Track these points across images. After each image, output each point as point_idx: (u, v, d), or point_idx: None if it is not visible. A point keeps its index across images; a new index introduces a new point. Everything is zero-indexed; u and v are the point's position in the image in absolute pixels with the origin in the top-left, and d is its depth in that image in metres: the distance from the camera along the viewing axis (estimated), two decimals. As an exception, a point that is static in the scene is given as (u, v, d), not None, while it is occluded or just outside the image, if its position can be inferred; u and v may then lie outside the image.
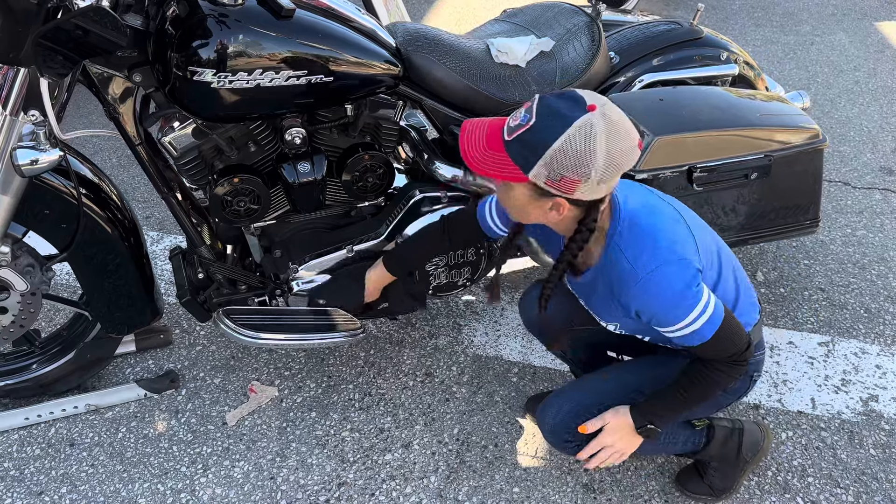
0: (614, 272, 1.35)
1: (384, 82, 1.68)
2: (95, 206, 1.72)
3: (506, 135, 1.24)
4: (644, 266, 1.31)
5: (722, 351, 1.38)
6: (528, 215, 1.33)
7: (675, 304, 1.32)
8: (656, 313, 1.34)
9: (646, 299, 1.33)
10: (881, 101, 3.50)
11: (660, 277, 1.31)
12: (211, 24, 1.43)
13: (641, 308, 1.34)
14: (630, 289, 1.33)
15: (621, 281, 1.34)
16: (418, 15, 4.57)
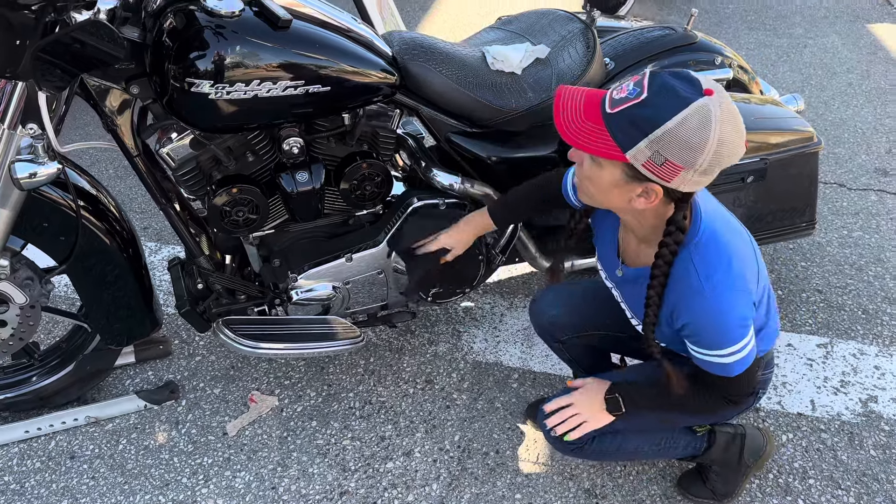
0: (681, 283, 1.28)
1: (381, 91, 1.68)
2: (94, 218, 1.72)
3: (608, 106, 1.14)
4: (714, 287, 1.24)
5: (730, 388, 1.37)
6: (608, 198, 1.24)
7: (724, 331, 1.27)
8: (702, 334, 1.29)
9: (699, 317, 1.27)
10: (875, 103, 3.52)
11: (723, 302, 1.24)
12: (208, 36, 1.43)
13: (690, 322, 1.29)
14: (690, 302, 1.27)
15: (684, 294, 1.27)
16: (413, 22, 4.58)
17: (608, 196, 1.23)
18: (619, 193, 1.21)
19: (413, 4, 4.88)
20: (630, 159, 1.13)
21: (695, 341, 1.31)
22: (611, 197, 1.23)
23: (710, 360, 1.31)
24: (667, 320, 1.34)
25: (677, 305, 1.29)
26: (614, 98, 1.15)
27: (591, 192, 1.26)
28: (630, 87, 1.14)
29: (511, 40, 1.99)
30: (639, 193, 1.19)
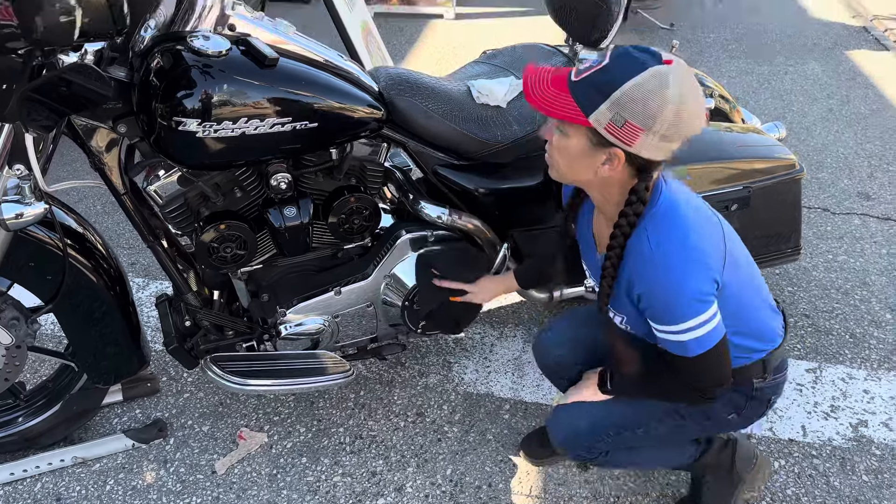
0: (634, 252, 1.29)
1: (368, 126, 1.70)
2: (80, 256, 1.71)
3: (573, 76, 1.20)
4: (665, 254, 1.25)
5: (696, 375, 1.34)
6: (578, 171, 1.27)
7: (677, 304, 1.25)
8: (656, 306, 1.28)
9: (652, 286, 1.27)
10: (855, 128, 3.58)
11: (674, 271, 1.24)
12: (195, 75, 1.45)
13: (644, 293, 1.28)
14: (642, 271, 1.27)
15: (636, 263, 1.28)
16: (399, 55, 4.63)
17: (576, 166, 1.27)
18: (586, 163, 1.25)
19: (399, 37, 4.94)
20: (593, 123, 1.18)
21: (650, 315, 1.31)
22: (579, 167, 1.27)
23: (667, 337, 1.30)
24: (626, 293, 1.34)
25: (632, 275, 1.30)
26: (579, 69, 1.21)
27: (560, 165, 1.30)
28: (593, 58, 1.21)
29: (496, 74, 2.02)
30: (603, 161, 1.23)
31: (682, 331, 1.27)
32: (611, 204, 1.33)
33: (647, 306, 1.30)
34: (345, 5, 3.24)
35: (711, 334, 1.27)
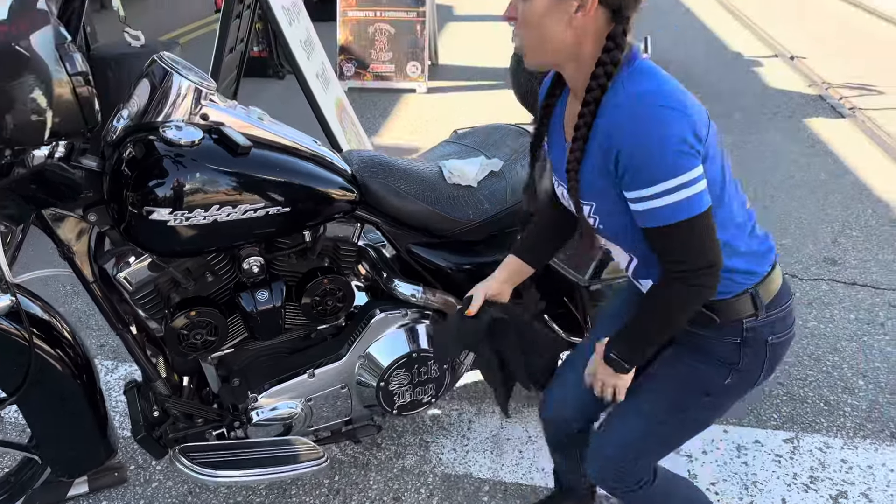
0: (609, 106, 1.17)
1: (342, 208, 1.71)
2: (47, 346, 1.67)
3: None
4: (640, 98, 1.13)
5: (688, 253, 1.19)
6: (552, 34, 1.17)
7: (660, 154, 1.11)
8: (637, 160, 1.13)
9: (630, 137, 1.13)
10: (817, 194, 3.69)
11: (651, 116, 1.12)
12: (167, 165, 1.45)
13: (623, 149, 1.14)
14: (618, 121, 1.15)
15: (612, 116, 1.16)
16: (373, 128, 4.71)
17: (549, 29, 1.17)
18: (557, 19, 1.15)
19: (373, 111, 5.04)
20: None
21: (631, 179, 1.16)
22: (552, 29, 1.16)
23: (651, 205, 1.15)
24: (601, 165, 1.20)
25: (609, 134, 1.16)
26: None
27: (532, 39, 1.19)
28: None
29: (466, 154, 2.06)
30: (575, 9, 1.14)
31: (667, 190, 1.13)
32: (586, 69, 1.20)
33: (626, 167, 1.15)
34: (319, 85, 3.31)
35: (699, 197, 1.15)
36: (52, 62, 1.06)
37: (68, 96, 1.15)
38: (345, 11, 5.34)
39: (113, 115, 1.54)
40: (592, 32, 1.17)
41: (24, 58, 1.02)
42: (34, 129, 1.11)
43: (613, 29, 1.16)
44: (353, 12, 5.33)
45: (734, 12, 8.09)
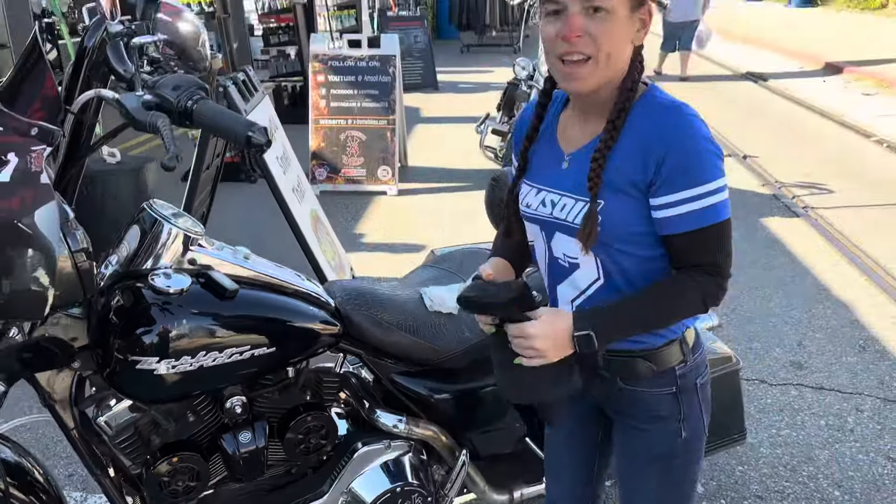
0: (640, 117, 1.26)
1: (326, 342, 1.73)
2: (20, 493, 1.62)
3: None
4: (675, 108, 1.25)
5: (715, 251, 1.27)
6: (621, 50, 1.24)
7: (707, 155, 1.23)
8: (685, 160, 1.22)
9: (679, 139, 1.22)
10: (779, 295, 3.81)
11: (692, 123, 1.24)
12: (155, 313, 1.47)
13: (669, 152, 1.22)
14: (661, 123, 1.24)
15: (650, 121, 1.25)
16: (346, 231, 4.78)
17: (620, 44, 1.23)
18: (627, 35, 1.24)
19: (345, 214, 5.12)
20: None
21: (673, 181, 1.22)
22: (622, 45, 1.24)
23: (698, 205, 1.23)
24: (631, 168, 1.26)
25: (649, 139, 1.24)
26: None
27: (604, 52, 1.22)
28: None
29: (446, 279, 2.10)
30: (638, 26, 1.24)
31: (710, 192, 1.22)
32: (608, 89, 1.28)
33: (671, 170, 1.22)
34: (294, 198, 3.37)
35: (727, 203, 1.26)
36: (55, 240, 1.09)
37: (70, 270, 1.18)
38: (317, 119, 5.51)
39: (101, 261, 1.56)
40: (630, 51, 1.28)
41: (26, 235, 1.05)
42: (35, 305, 1.12)
43: (639, 46, 1.29)
44: (325, 120, 5.50)
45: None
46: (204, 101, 1.17)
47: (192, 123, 1.18)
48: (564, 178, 1.37)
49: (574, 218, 1.33)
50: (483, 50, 14.14)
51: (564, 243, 1.39)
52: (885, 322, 3.51)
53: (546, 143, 1.44)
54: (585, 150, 1.34)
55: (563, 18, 1.21)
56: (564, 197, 1.36)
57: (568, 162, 1.37)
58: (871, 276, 3.99)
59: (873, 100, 9.05)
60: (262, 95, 3.51)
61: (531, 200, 1.43)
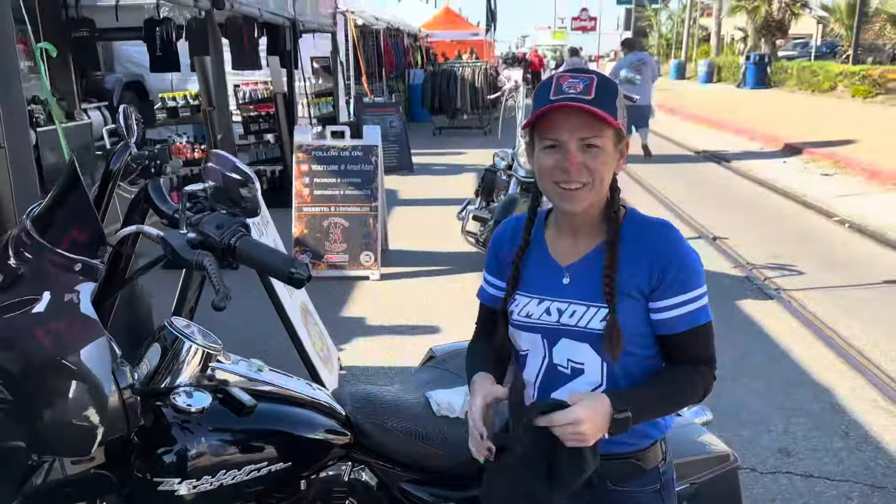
0: (632, 235, 1.47)
1: (338, 454, 1.75)
2: None
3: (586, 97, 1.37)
4: (663, 226, 1.49)
5: (708, 346, 1.48)
6: (607, 178, 1.45)
7: (697, 264, 1.46)
8: (685, 267, 1.43)
9: (674, 249, 1.44)
10: (761, 380, 3.89)
11: (680, 238, 1.47)
12: (176, 432, 1.48)
13: (672, 261, 1.43)
14: (656, 239, 1.46)
15: (645, 238, 1.46)
16: (330, 318, 4.78)
17: (608, 173, 1.44)
18: (612, 165, 1.45)
19: (328, 301, 5.13)
20: (619, 122, 1.41)
21: (676, 287, 1.43)
22: (608, 173, 1.45)
23: (689, 308, 1.44)
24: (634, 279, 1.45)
25: (651, 252, 1.45)
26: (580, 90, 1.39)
27: (598, 180, 1.43)
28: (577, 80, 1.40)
29: (450, 381, 2.13)
30: (618, 156, 1.46)
31: (699, 295, 1.45)
32: (595, 208, 1.49)
33: (674, 278, 1.43)
34: (286, 292, 3.41)
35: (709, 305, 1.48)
36: (105, 378, 1.11)
37: (116, 405, 1.20)
38: (300, 207, 5.59)
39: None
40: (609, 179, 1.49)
41: (73, 372, 1.07)
42: (83, 442, 1.14)
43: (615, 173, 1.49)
44: (309, 207, 5.58)
45: (657, 195, 8.79)
46: (246, 238, 1.23)
47: (236, 260, 1.24)
48: (569, 289, 1.52)
49: (587, 323, 1.47)
50: (455, 132, 14.55)
51: (571, 349, 1.51)
52: (864, 405, 3.60)
53: (536, 258, 1.58)
54: (584, 263, 1.52)
55: (562, 153, 1.42)
56: (573, 305, 1.50)
57: (569, 274, 1.53)
58: (847, 359, 4.12)
59: (832, 180, 9.48)
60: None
61: (532, 310, 1.55)
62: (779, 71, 23.50)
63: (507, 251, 1.63)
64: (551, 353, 1.54)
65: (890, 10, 16.58)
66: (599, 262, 1.48)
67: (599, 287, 1.46)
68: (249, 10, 6.08)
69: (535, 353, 1.58)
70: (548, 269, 1.56)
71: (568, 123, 1.40)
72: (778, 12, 24.98)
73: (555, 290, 1.53)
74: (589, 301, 1.48)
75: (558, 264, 1.54)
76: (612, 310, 1.44)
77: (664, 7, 44.74)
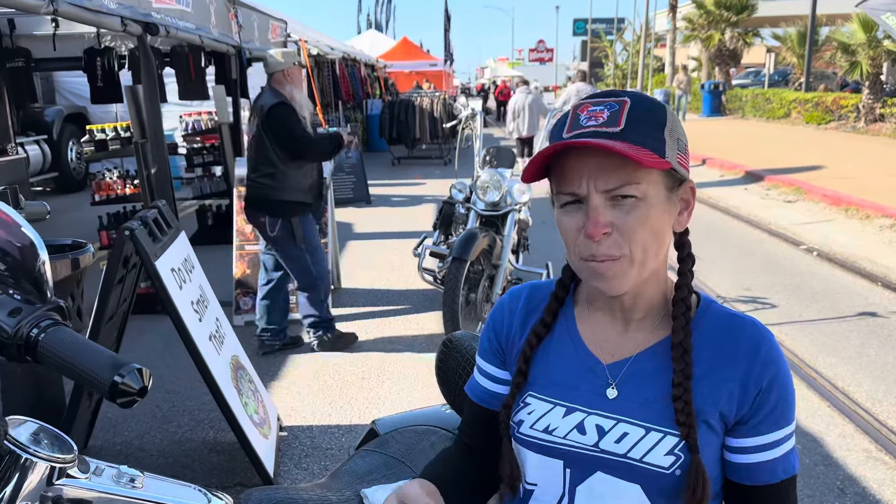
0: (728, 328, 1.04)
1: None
2: None
3: (612, 128, 0.97)
4: (754, 325, 1.05)
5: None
6: (662, 239, 1.02)
7: (792, 390, 1.03)
8: (784, 392, 1.01)
9: (782, 366, 1.01)
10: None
11: (777, 349, 1.03)
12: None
13: (773, 377, 1.00)
14: (762, 344, 1.01)
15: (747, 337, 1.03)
16: (272, 377, 4.34)
17: (660, 233, 1.01)
18: (667, 220, 1.02)
19: (271, 357, 4.69)
20: (670, 160, 0.98)
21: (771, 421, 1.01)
22: (663, 232, 1.02)
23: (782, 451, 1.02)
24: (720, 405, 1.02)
25: (747, 370, 1.01)
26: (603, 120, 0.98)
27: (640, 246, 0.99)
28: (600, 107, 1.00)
29: (391, 470, 1.75)
30: (679, 209, 1.05)
31: (792, 433, 1.03)
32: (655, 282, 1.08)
33: (772, 408, 1.01)
34: (212, 348, 2.98)
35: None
36: None
37: None
38: (242, 245, 5.16)
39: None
40: (666, 243, 1.06)
41: None
42: None
43: (683, 233, 1.09)
44: (251, 246, 5.15)
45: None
46: (57, 329, 0.84)
47: (38, 359, 0.85)
48: (617, 400, 1.06)
49: (644, 455, 1.01)
50: (414, 162, 14.27)
51: (609, 489, 1.04)
52: (857, 457, 3.29)
53: (560, 345, 1.14)
54: (642, 362, 1.07)
55: (585, 210, 0.99)
56: (625, 423, 1.04)
57: (615, 379, 1.07)
58: (833, 403, 3.82)
59: (794, 206, 9.38)
60: (177, 231, 3.17)
61: (555, 422, 1.08)
62: (733, 98, 23.87)
63: (515, 333, 1.19)
64: (574, 492, 1.07)
65: (840, 38, 16.89)
66: (663, 368, 1.04)
67: (663, 404, 1.02)
68: (188, 37, 5.69)
69: (547, 489, 1.10)
70: (580, 365, 1.10)
71: (586, 169, 0.97)
72: (731, 41, 25.45)
73: (592, 397, 1.07)
74: (652, 423, 1.02)
75: (597, 360, 1.10)
76: (694, 444, 0.99)
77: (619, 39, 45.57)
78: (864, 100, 16.95)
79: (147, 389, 0.88)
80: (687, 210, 1.07)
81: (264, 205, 4.21)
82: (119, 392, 0.84)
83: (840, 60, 17.25)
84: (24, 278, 0.84)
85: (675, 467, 1.00)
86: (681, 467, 1.00)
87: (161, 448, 3.41)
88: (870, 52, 16.11)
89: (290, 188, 4.20)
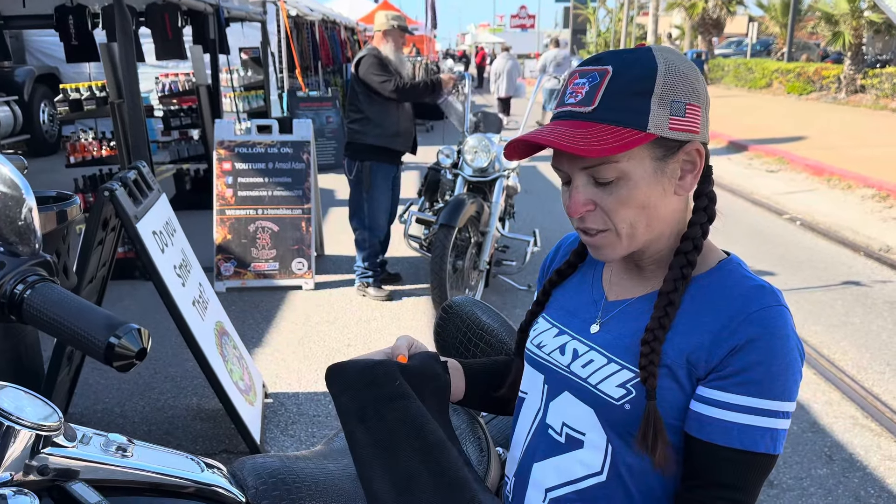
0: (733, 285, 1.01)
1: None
2: None
3: (583, 108, 0.98)
4: (758, 289, 0.99)
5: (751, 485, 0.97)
6: (657, 209, 1.01)
7: (788, 368, 0.95)
8: (767, 357, 0.95)
9: (772, 327, 0.95)
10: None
11: (781, 315, 0.97)
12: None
13: (752, 339, 0.95)
14: (759, 302, 0.97)
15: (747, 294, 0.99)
16: (256, 336, 4.27)
17: (654, 205, 1.00)
18: (661, 189, 1.00)
19: (255, 315, 4.61)
20: (655, 131, 0.96)
21: (744, 379, 0.95)
22: (657, 203, 1.01)
23: (756, 421, 0.95)
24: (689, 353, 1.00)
25: (730, 316, 0.98)
26: (579, 100, 0.99)
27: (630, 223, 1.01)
28: (582, 81, 0.99)
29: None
30: (680, 175, 1.02)
31: (777, 412, 0.95)
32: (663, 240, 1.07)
33: (747, 363, 0.95)
34: (196, 313, 2.89)
35: (783, 436, 0.98)
36: None
37: None
38: (222, 210, 5.03)
39: None
40: (686, 199, 1.07)
41: None
42: None
43: (704, 184, 1.06)
44: (233, 211, 5.03)
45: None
46: (45, 285, 0.76)
47: (23, 319, 0.77)
48: (601, 330, 1.11)
49: (598, 382, 1.06)
50: (396, 128, 14.06)
51: (571, 409, 1.10)
52: (844, 424, 3.31)
53: (581, 281, 1.22)
54: (636, 304, 1.10)
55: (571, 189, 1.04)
56: (594, 352, 1.09)
57: (608, 312, 1.12)
58: (819, 370, 3.84)
59: (778, 176, 9.40)
60: (157, 194, 3.06)
61: (546, 340, 1.18)
62: (715, 68, 23.82)
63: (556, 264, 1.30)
64: (546, 406, 1.14)
65: (823, 9, 16.85)
66: (650, 314, 1.05)
67: (631, 342, 1.05)
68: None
69: (531, 402, 1.19)
70: (587, 296, 1.17)
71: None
72: (714, 10, 25.32)
73: (581, 325, 1.14)
74: (615, 355, 1.06)
75: (603, 295, 1.16)
76: (651, 391, 0.99)
77: (601, 5, 45.15)
78: (845, 70, 17.00)
79: (146, 352, 0.80)
80: (693, 172, 1.03)
81: (348, 147, 4.70)
82: (116, 355, 0.77)
83: (823, 30, 17.24)
84: (7, 227, 0.75)
85: (625, 401, 1.02)
86: (630, 402, 1.02)
87: (144, 415, 3.34)
88: (853, 22, 16.11)
89: (372, 133, 4.58)
